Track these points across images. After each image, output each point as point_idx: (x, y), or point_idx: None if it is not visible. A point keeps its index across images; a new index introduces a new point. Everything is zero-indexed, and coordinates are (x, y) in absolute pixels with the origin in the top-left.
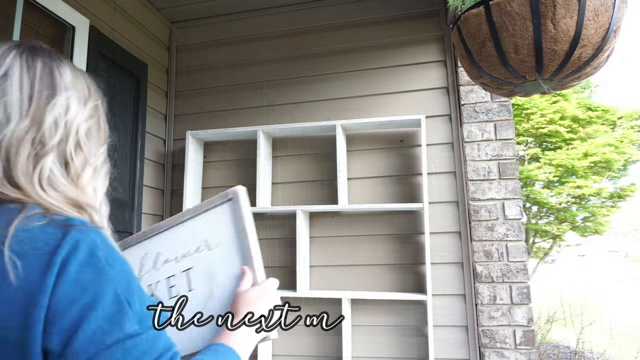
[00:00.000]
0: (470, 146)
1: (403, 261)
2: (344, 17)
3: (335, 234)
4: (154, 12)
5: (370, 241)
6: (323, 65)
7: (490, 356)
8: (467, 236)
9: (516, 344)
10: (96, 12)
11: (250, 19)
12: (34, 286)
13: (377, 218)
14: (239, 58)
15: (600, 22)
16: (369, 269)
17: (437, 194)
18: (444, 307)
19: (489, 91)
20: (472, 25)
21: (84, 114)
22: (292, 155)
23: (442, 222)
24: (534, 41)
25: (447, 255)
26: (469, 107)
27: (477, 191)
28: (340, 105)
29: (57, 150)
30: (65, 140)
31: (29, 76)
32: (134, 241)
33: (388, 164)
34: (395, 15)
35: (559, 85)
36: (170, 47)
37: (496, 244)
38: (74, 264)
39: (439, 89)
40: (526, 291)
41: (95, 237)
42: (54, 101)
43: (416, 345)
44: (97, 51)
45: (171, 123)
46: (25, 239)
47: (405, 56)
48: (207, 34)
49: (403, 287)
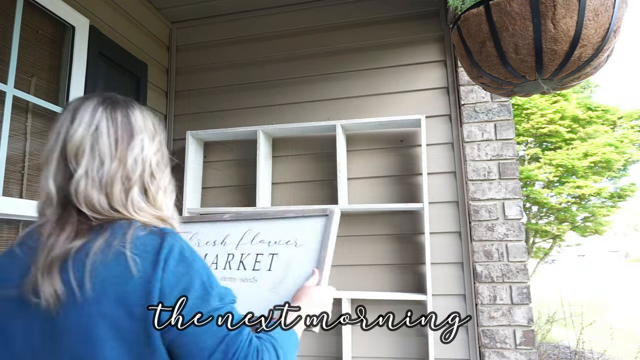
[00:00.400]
0: (470, 146)
1: (403, 261)
2: (344, 17)
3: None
4: (154, 12)
5: (370, 241)
6: (323, 65)
7: (490, 356)
8: (467, 236)
9: (516, 344)
10: (96, 12)
11: (250, 19)
12: (149, 276)
13: (377, 218)
14: (239, 58)
15: (600, 22)
16: (369, 269)
17: (437, 194)
18: (444, 307)
19: (489, 91)
20: (472, 25)
21: (153, 149)
22: (292, 155)
23: (442, 222)
24: (534, 41)
25: (447, 255)
26: (469, 107)
27: (477, 191)
28: (340, 105)
29: (138, 182)
30: (143, 173)
31: (113, 126)
32: (244, 217)
33: (388, 164)
34: (395, 15)
35: (559, 85)
36: (170, 47)
37: (496, 244)
38: (172, 261)
39: (439, 89)
40: (526, 291)
41: (181, 241)
42: (133, 144)
43: (416, 345)
44: (97, 51)
45: (171, 123)
46: (138, 244)
47: (405, 56)
48: (207, 34)
49: (403, 287)
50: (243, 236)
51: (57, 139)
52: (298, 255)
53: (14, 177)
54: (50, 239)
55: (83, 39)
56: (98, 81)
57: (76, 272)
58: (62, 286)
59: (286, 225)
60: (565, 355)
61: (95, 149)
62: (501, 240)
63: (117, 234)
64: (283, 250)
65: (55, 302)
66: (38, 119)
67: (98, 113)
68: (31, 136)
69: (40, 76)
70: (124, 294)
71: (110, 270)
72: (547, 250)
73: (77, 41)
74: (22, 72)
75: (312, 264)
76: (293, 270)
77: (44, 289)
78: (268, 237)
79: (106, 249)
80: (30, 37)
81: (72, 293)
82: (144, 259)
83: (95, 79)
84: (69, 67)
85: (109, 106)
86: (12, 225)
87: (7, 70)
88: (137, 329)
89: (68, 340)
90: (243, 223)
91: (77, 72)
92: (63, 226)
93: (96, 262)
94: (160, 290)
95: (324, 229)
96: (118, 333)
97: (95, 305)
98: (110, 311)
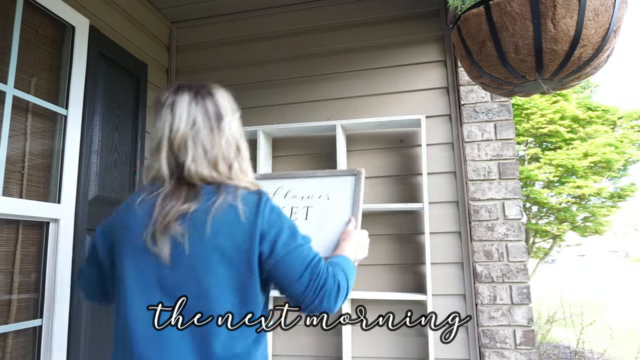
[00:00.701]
0: (470, 146)
1: (403, 261)
2: (344, 17)
3: None
4: (154, 12)
5: (370, 241)
6: (323, 65)
7: (490, 356)
8: (467, 236)
9: (516, 344)
10: (96, 12)
11: (250, 19)
12: (253, 222)
13: (377, 218)
14: (239, 58)
15: (600, 22)
16: (369, 269)
17: (437, 194)
18: (444, 307)
19: (489, 91)
20: (472, 25)
21: (236, 126)
22: (292, 155)
23: (442, 222)
24: (534, 41)
25: (447, 255)
26: (469, 107)
27: (477, 191)
28: (340, 105)
29: (233, 157)
30: (234, 149)
31: (207, 118)
32: (274, 176)
33: (388, 164)
34: (395, 15)
35: (559, 85)
36: (170, 47)
37: (496, 244)
38: (267, 211)
39: (439, 89)
40: (526, 291)
41: (269, 198)
42: (223, 127)
43: (416, 345)
44: (97, 51)
45: None
46: (244, 200)
47: (405, 56)
48: (207, 34)
49: (403, 287)
50: (275, 192)
51: (163, 133)
52: (331, 207)
53: (14, 177)
54: (168, 204)
55: (83, 39)
56: (98, 81)
57: (197, 220)
58: (182, 230)
59: (317, 183)
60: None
61: (196, 141)
62: (501, 240)
63: (229, 194)
64: (316, 204)
65: (169, 248)
66: (38, 119)
67: (192, 108)
68: (31, 136)
69: (40, 76)
70: (234, 233)
71: (226, 217)
72: (547, 250)
73: (77, 41)
74: (22, 72)
75: (348, 214)
76: (328, 220)
77: (161, 240)
78: (300, 193)
79: (223, 203)
80: (30, 37)
81: (195, 231)
82: (249, 210)
83: (95, 79)
84: (69, 67)
85: (199, 100)
86: (12, 225)
87: (7, 70)
88: (241, 257)
89: (191, 263)
90: (273, 181)
91: (77, 72)
92: (178, 195)
93: (217, 212)
94: (261, 231)
95: (354, 185)
96: (226, 258)
97: (212, 240)
98: (223, 244)
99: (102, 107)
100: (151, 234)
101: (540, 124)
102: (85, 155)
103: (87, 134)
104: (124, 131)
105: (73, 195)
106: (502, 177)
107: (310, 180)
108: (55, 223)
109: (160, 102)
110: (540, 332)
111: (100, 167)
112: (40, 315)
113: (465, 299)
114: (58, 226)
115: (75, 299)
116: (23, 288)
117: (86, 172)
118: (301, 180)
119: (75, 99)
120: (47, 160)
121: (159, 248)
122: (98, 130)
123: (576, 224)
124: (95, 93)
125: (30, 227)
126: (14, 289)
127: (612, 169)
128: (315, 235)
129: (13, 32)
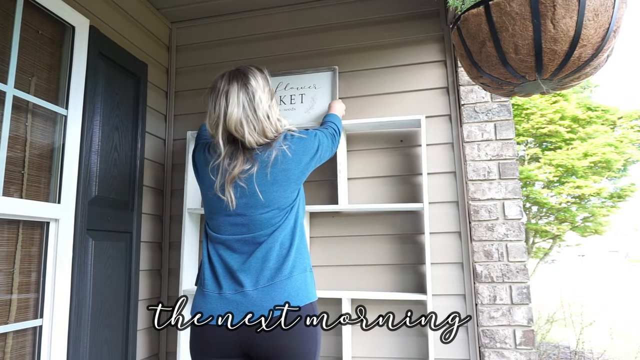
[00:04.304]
0: (470, 146)
1: (403, 261)
2: (344, 17)
3: (336, 234)
4: (154, 12)
5: (370, 241)
6: (323, 65)
7: (490, 356)
8: (467, 236)
9: (516, 344)
10: (96, 12)
11: (250, 19)
12: (311, 148)
13: (377, 218)
14: (239, 58)
15: (600, 22)
16: (369, 269)
17: (437, 194)
18: (444, 307)
19: (489, 91)
20: (472, 25)
21: (266, 98)
22: None
23: (442, 222)
24: (533, 41)
25: (447, 255)
26: (469, 107)
27: (477, 191)
28: None
29: (269, 122)
30: (268, 115)
31: (252, 103)
32: (275, 75)
33: (388, 164)
34: (395, 15)
35: (559, 85)
36: (170, 47)
37: (496, 244)
38: (314, 137)
39: (439, 89)
40: (526, 291)
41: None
42: (259, 104)
43: (416, 345)
44: (97, 51)
45: (171, 123)
46: (292, 141)
47: (405, 56)
48: (207, 34)
49: (403, 287)
50: (278, 85)
51: (219, 116)
52: (319, 93)
53: (14, 177)
54: (230, 165)
55: (83, 39)
56: (98, 81)
57: (262, 164)
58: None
59: (306, 77)
60: (565, 355)
61: (248, 120)
62: (501, 240)
63: (279, 144)
64: (307, 91)
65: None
66: (38, 119)
67: (242, 95)
68: (31, 136)
69: (40, 76)
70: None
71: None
72: (547, 250)
73: (77, 41)
74: (22, 72)
75: (330, 97)
76: (317, 101)
77: (229, 191)
78: (295, 84)
79: (276, 150)
80: (30, 37)
81: (261, 170)
82: (297, 146)
83: (96, 79)
84: (69, 67)
85: (243, 87)
86: (12, 225)
87: (7, 70)
88: (299, 173)
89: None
90: (277, 78)
91: (77, 72)
92: (237, 157)
93: (277, 156)
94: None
95: (332, 78)
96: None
97: (272, 174)
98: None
99: (102, 107)
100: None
101: (540, 124)
102: (85, 155)
103: (87, 134)
104: (124, 131)
105: (73, 195)
106: (502, 177)
107: (301, 76)
108: (55, 223)
109: (217, 88)
110: (540, 332)
111: (100, 167)
112: (41, 315)
113: (465, 299)
114: (58, 226)
115: (75, 299)
116: (23, 288)
117: (86, 172)
118: (294, 77)
119: (76, 99)
120: (47, 160)
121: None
122: (98, 130)
123: (576, 224)
124: (96, 93)
125: (30, 227)
126: (14, 289)
127: (612, 169)
128: (309, 112)
129: (13, 32)
